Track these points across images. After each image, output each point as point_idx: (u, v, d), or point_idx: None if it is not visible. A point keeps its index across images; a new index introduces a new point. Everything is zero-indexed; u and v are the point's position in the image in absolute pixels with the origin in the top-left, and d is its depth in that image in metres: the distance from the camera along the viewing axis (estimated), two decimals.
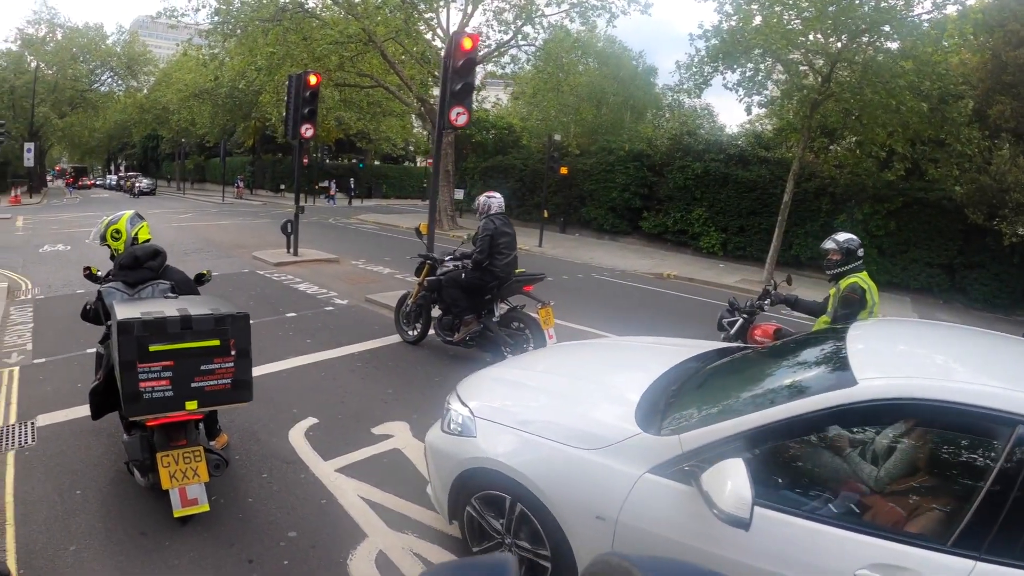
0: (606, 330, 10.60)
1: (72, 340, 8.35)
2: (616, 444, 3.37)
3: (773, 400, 3.15)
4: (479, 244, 7.85)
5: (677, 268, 19.75)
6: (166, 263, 5.02)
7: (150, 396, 3.90)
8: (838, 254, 6.16)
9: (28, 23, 51.63)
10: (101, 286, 4.79)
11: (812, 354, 3.91)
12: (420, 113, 29.71)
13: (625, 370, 4.60)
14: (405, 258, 17.27)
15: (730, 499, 2.64)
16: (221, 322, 4.10)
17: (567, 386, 4.23)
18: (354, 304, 11.74)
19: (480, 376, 4.73)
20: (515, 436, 3.75)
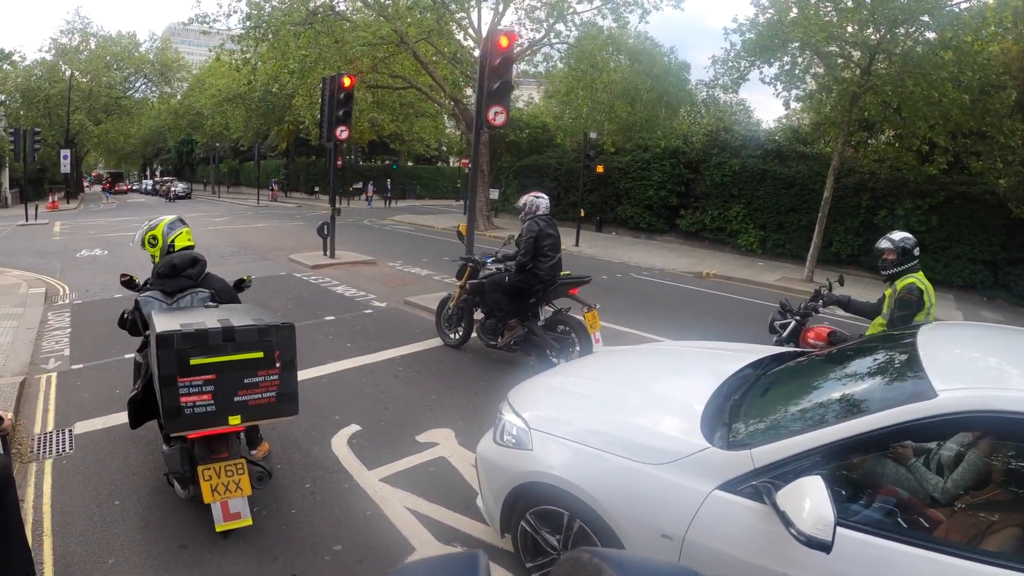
0: (650, 332, 10.34)
1: (110, 345, 8.27)
2: (683, 459, 3.17)
3: (848, 413, 2.96)
4: (523, 246, 7.61)
5: (716, 267, 19.34)
6: (206, 271, 4.84)
7: (191, 411, 3.71)
8: (893, 253, 5.90)
9: (61, 32, 52.63)
10: (139, 295, 4.62)
11: (882, 362, 3.69)
12: (453, 113, 29.62)
13: (682, 378, 4.39)
14: (442, 259, 17.22)
15: (810, 519, 2.45)
16: (265, 333, 3.87)
17: (625, 396, 4.01)
18: (393, 307, 11.59)
19: (533, 385, 4.48)
20: (574, 449, 3.53)
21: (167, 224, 4.95)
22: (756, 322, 11.90)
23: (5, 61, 50.71)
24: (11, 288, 12.61)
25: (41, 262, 16.54)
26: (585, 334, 7.44)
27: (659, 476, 3.17)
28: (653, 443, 3.33)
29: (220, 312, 4.15)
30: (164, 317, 3.95)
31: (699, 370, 4.43)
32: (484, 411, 6.48)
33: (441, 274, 15.20)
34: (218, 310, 4.25)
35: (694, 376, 4.31)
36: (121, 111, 55.23)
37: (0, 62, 50.32)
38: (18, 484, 4.88)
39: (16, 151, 31.67)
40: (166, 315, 4.04)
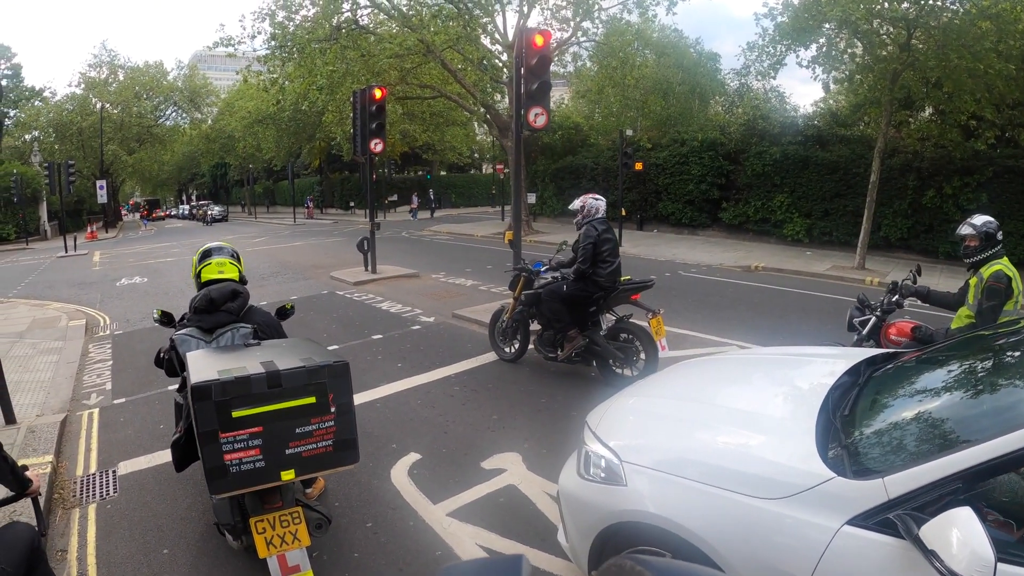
0: (712, 334, 9.82)
1: (152, 377, 7.99)
2: (804, 492, 2.70)
3: (997, 426, 2.46)
4: (581, 252, 7.14)
5: (764, 259, 18.79)
6: (248, 304, 4.37)
7: (238, 469, 3.22)
8: (976, 239, 5.45)
9: (90, 67, 53.38)
10: (175, 332, 4.18)
11: (1013, 361, 3.22)
12: (486, 120, 29.24)
13: (779, 392, 3.88)
14: (486, 268, 16.98)
15: (964, 558, 2.04)
16: (316, 375, 3.35)
17: (721, 416, 3.52)
18: (441, 321, 11.15)
19: (613, 407, 3.97)
20: (675, 484, 3.05)
21: (201, 252, 4.54)
22: (817, 316, 11.49)
23: (37, 98, 51.98)
24: (51, 321, 12.56)
25: (81, 293, 16.55)
26: (650, 341, 6.93)
27: (777, 512, 2.72)
28: (766, 474, 2.87)
29: (264, 352, 3.69)
30: (201, 360, 3.52)
31: (794, 381, 3.98)
32: (550, 430, 6.09)
33: (487, 284, 14.80)
34: (262, 349, 3.79)
35: (791, 389, 3.86)
36: (153, 139, 56.12)
37: (32, 99, 51.61)
38: (60, 532, 4.67)
39: (52, 184, 32.17)
40: (203, 357, 3.61)
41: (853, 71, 18.66)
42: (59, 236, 30.58)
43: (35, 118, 49.31)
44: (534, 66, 9.13)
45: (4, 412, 6.73)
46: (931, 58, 15.58)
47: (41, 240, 39.77)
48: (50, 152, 46.65)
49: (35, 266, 24.95)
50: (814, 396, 3.42)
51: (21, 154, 45.67)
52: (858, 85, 19.41)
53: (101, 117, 48.05)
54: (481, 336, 9.52)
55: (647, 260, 19.12)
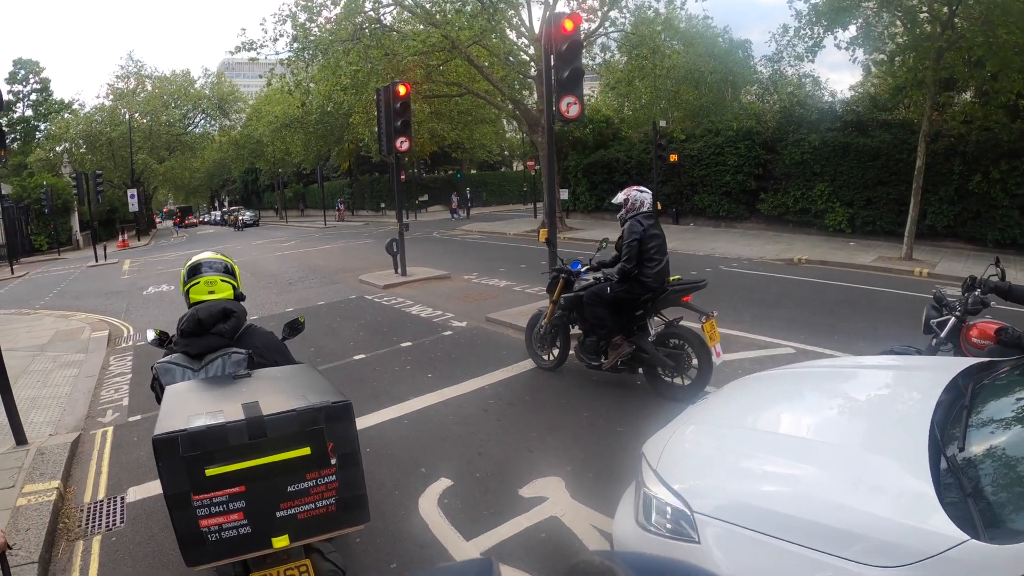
0: (762, 333, 9.16)
1: None
2: (927, 560, 2.09)
3: None
4: (625, 250, 6.53)
5: (806, 251, 18.06)
6: (246, 324, 3.72)
7: (218, 537, 2.55)
8: None
9: (117, 78, 54.24)
10: (157, 361, 3.53)
11: None
12: (515, 116, 28.71)
13: (870, 419, 3.21)
14: (519, 267, 16.47)
15: None
16: (310, 420, 2.64)
17: (809, 454, 2.85)
18: (474, 326, 10.57)
19: (676, 439, 3.31)
20: (762, 545, 2.43)
21: (188, 268, 3.84)
22: (871, 311, 10.80)
23: (66, 110, 52.67)
24: (74, 333, 12.42)
25: (108, 302, 16.45)
26: (703, 347, 6.28)
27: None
28: (876, 533, 2.26)
29: (253, 387, 3.04)
30: (174, 400, 2.92)
31: (886, 403, 3.38)
32: (595, 451, 5.50)
33: (521, 284, 14.22)
34: (252, 382, 3.13)
35: (884, 413, 3.23)
36: (183, 147, 56.64)
37: (61, 111, 52.28)
38: (63, 567, 4.32)
39: (80, 194, 32.37)
40: (178, 396, 3.00)
41: (894, 51, 17.92)
42: (91, 246, 30.75)
43: (65, 130, 49.78)
44: (564, 52, 8.57)
45: (15, 433, 6.43)
46: (978, 35, 14.79)
47: (73, 250, 40.25)
48: (81, 163, 47.05)
49: (65, 276, 25.07)
50: (916, 423, 2.79)
51: (52, 166, 46.30)
52: (899, 67, 18.64)
53: (130, 127, 48.60)
54: (516, 342, 8.95)
55: (686, 255, 18.41)
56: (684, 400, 6.37)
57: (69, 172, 37.21)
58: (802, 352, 8.15)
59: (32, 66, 57.48)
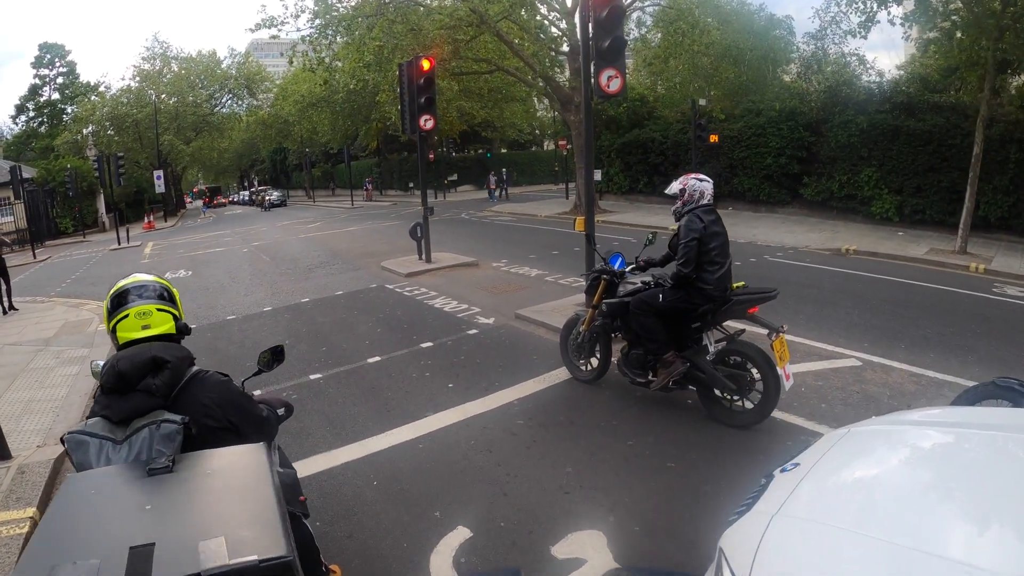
0: (822, 339, 8.20)
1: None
2: None
3: None
4: (682, 252, 5.56)
5: (853, 240, 17.04)
6: (191, 372, 2.66)
7: None
8: None
9: (143, 60, 54.21)
10: (69, 430, 2.49)
11: None
12: (546, 93, 27.78)
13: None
14: (551, 254, 15.68)
15: None
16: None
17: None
18: (502, 323, 9.67)
19: (771, 541, 2.24)
20: None
21: (112, 296, 2.76)
22: (936, 313, 9.85)
23: (92, 92, 52.92)
24: (82, 325, 11.89)
25: None
26: (770, 368, 5.31)
27: None
28: None
29: (164, 499, 2.04)
30: (52, 522, 1.93)
31: None
32: (641, 492, 4.62)
33: (554, 273, 13.31)
34: (166, 488, 2.09)
35: None
36: (210, 128, 56.63)
37: (87, 94, 52.51)
38: None
39: (101, 177, 32.33)
40: (61, 511, 2.00)
41: (951, 28, 16.80)
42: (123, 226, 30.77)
43: (91, 112, 49.89)
44: (604, 20, 7.63)
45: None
46: None
47: (99, 232, 40.22)
48: (108, 144, 47.17)
49: (86, 259, 24.87)
50: None
51: (79, 148, 46.42)
52: (956, 46, 17.47)
53: (156, 108, 48.46)
54: (549, 344, 8.08)
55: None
56: (745, 427, 5.51)
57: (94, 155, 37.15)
58: (868, 365, 7.22)
59: (58, 50, 58.13)
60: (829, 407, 6.05)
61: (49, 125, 56.74)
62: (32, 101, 59.15)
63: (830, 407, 6.05)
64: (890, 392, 6.43)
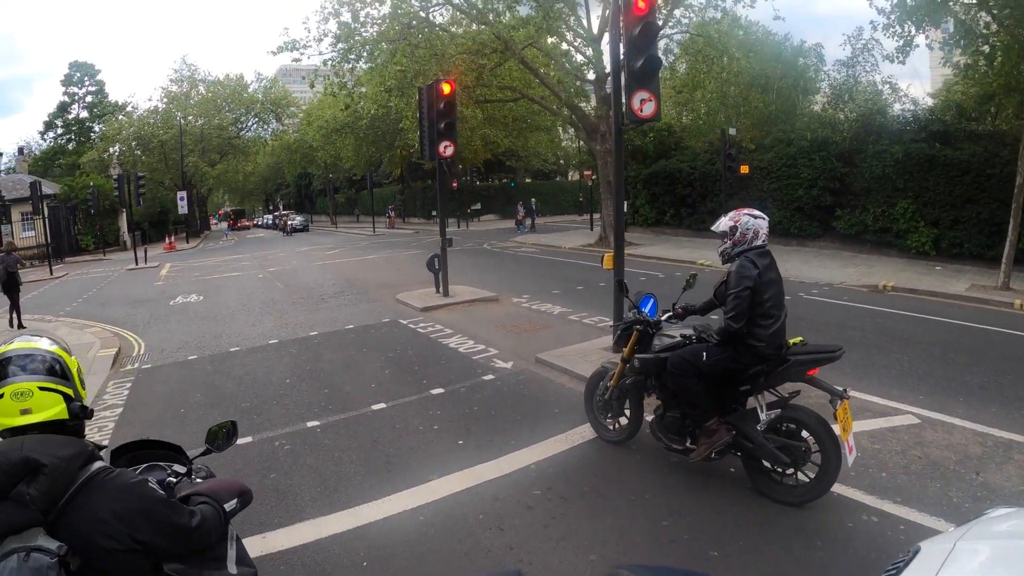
0: (872, 391, 7.41)
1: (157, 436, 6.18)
2: None
3: None
4: (732, 304, 4.74)
5: (889, 276, 16.25)
6: (89, 472, 1.93)
7: None
8: None
9: (171, 81, 55.16)
10: None
11: None
12: (571, 122, 27.30)
13: None
14: (576, 289, 15.06)
15: None
16: None
17: None
18: (521, 368, 8.86)
19: None
20: None
21: None
22: (988, 358, 9.02)
23: (120, 112, 53.69)
24: (81, 350, 11.40)
25: (131, 312, 15.89)
26: (831, 439, 4.53)
27: None
28: None
29: None
30: None
31: None
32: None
33: (578, 311, 12.53)
34: None
35: None
36: (235, 151, 57.21)
37: (115, 113, 53.29)
38: None
39: (121, 196, 32.30)
40: None
41: (991, 53, 16.24)
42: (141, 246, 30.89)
43: (118, 132, 50.55)
44: (637, 38, 7.02)
45: None
46: None
47: (120, 251, 40.43)
48: (133, 164, 47.62)
49: (102, 279, 24.87)
50: None
51: (105, 166, 46.89)
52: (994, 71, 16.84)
53: (181, 130, 49.12)
54: (572, 395, 7.29)
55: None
56: (798, 504, 4.71)
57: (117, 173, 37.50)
58: (927, 422, 6.43)
59: (88, 69, 59.05)
60: (890, 477, 5.26)
61: (77, 143, 57.49)
62: (60, 118, 59.89)
63: (891, 477, 5.26)
64: (955, 456, 5.63)
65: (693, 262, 19.54)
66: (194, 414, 7.56)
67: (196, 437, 6.86)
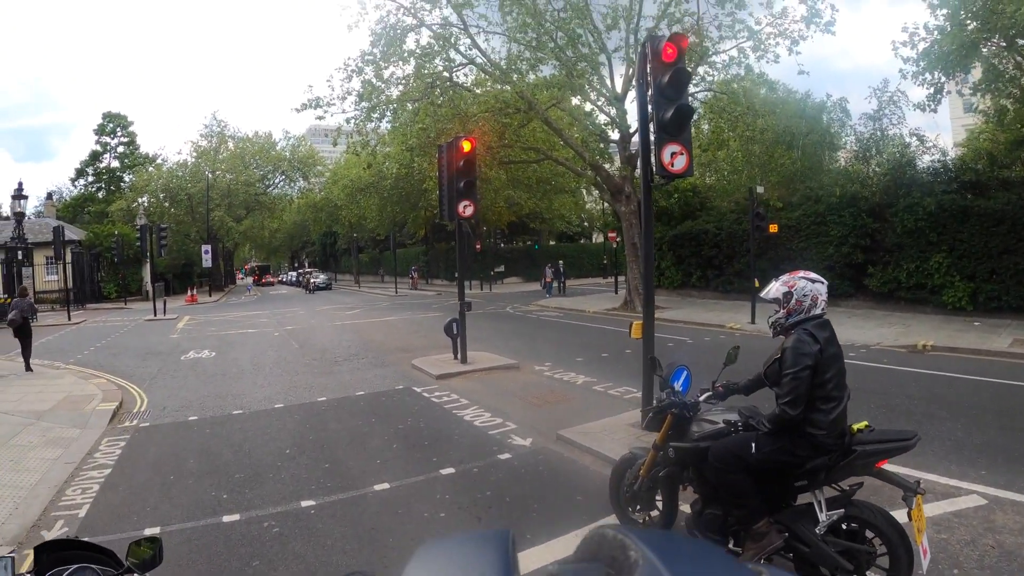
0: (930, 467, 6.63)
1: (140, 504, 6.49)
2: None
3: None
4: (789, 386, 4.00)
5: (927, 334, 15.54)
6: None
7: None
8: None
9: (201, 136, 56.37)
10: None
11: None
12: (595, 183, 26.96)
13: None
14: (601, 356, 14.33)
15: None
16: None
17: None
18: (541, 446, 8.06)
19: None
20: None
21: None
22: None
23: (150, 164, 55.00)
24: (82, 401, 11.33)
25: (141, 364, 15.83)
26: (902, 541, 3.80)
27: None
28: None
29: None
30: None
31: None
32: None
33: (603, 381, 11.67)
34: None
35: None
36: (261, 207, 58.08)
37: (145, 164, 54.58)
38: None
39: (143, 247, 32.68)
40: None
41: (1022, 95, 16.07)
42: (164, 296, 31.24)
43: (147, 183, 51.79)
44: (666, 86, 6.51)
45: None
46: None
47: (142, 300, 40.73)
48: (160, 215, 48.85)
49: (118, 328, 25.10)
50: None
51: (132, 216, 47.78)
52: None
53: (207, 185, 50.01)
54: (597, 479, 6.50)
55: None
56: None
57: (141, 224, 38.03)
58: (995, 503, 5.68)
59: (120, 120, 60.72)
60: (964, 574, 4.51)
61: (107, 191, 59.09)
62: (92, 166, 61.59)
63: (965, 574, 4.51)
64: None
65: (722, 325, 18.83)
66: (183, 483, 7.01)
67: (178, 511, 6.20)
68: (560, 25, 22.35)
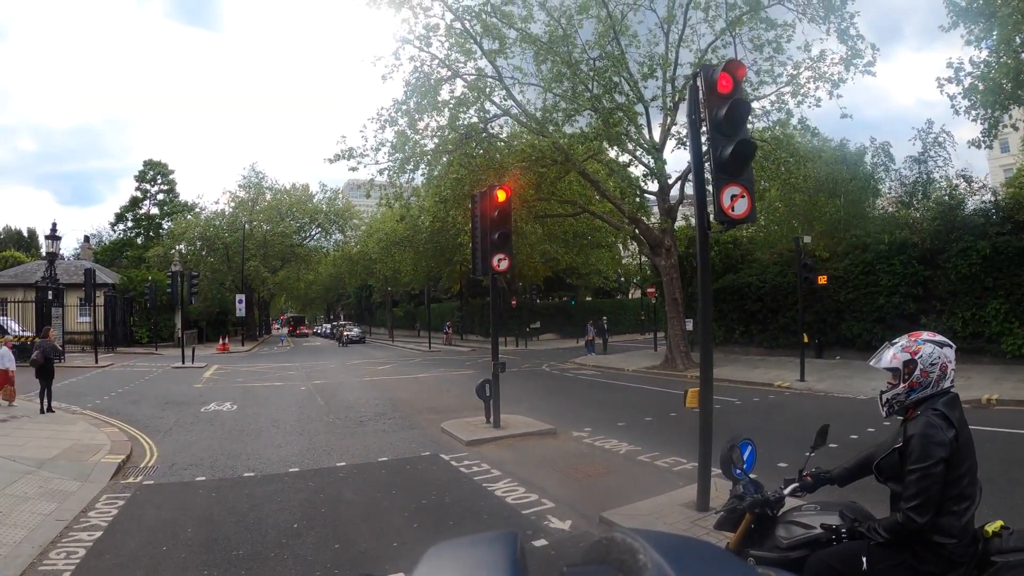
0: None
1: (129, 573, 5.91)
2: None
3: None
4: (917, 486, 3.08)
5: (991, 387, 14.59)
6: None
7: None
8: None
9: (239, 187, 57.17)
10: None
11: None
12: (634, 236, 26.26)
13: None
14: (644, 420, 13.34)
15: None
16: None
17: None
18: (582, 532, 6.86)
19: None
20: None
21: None
22: None
23: (189, 212, 56.01)
24: (88, 451, 10.80)
25: (158, 414, 15.46)
26: None
27: None
28: None
29: None
30: None
31: None
32: None
33: (649, 451, 10.45)
34: None
35: None
36: (296, 259, 58.68)
37: (184, 212, 55.61)
38: None
39: (173, 292, 32.96)
40: None
41: None
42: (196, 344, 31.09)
43: (184, 231, 52.65)
44: (723, 121, 5.72)
45: None
46: None
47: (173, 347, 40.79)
48: (197, 263, 49.36)
49: (143, 374, 25.02)
50: None
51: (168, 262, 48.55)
52: None
53: (243, 235, 50.48)
54: None
55: (840, 399, 15.21)
56: None
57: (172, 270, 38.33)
58: None
59: (161, 168, 62.44)
60: None
61: (145, 237, 60.34)
62: (131, 212, 63.24)
63: None
64: None
65: (770, 384, 17.77)
66: (175, 555, 6.27)
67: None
68: (596, 74, 22.00)
